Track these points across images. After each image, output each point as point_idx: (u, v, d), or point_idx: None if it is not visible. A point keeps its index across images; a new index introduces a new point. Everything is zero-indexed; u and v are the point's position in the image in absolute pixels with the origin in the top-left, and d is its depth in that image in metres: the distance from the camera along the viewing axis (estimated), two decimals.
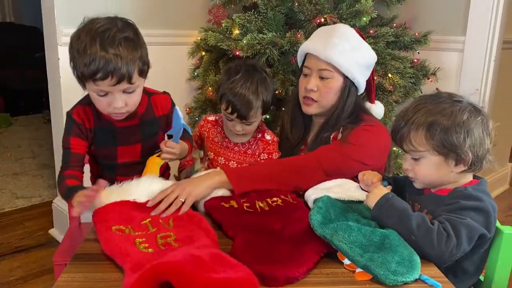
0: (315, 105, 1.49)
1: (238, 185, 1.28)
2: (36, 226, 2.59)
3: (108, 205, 1.15)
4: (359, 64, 1.44)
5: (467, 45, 2.37)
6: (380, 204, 1.08)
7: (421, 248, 0.98)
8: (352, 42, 1.44)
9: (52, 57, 2.17)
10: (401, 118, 1.13)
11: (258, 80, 1.45)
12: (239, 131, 1.49)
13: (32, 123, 4.84)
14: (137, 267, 0.89)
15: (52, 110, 2.30)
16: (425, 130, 1.08)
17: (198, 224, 1.11)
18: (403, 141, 1.12)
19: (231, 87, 1.43)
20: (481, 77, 2.37)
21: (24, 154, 3.83)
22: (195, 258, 0.87)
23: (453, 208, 1.05)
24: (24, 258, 2.26)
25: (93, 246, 1.05)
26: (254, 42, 1.90)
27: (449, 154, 1.08)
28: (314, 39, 1.50)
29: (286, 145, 1.60)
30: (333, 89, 1.45)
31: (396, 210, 1.05)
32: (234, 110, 1.44)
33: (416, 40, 2.09)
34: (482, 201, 1.06)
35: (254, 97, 1.43)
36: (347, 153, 1.37)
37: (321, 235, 0.99)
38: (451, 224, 1.00)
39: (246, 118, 1.45)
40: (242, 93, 1.42)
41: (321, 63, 1.43)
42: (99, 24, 1.14)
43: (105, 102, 1.16)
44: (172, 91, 2.56)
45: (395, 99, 2.01)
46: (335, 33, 1.45)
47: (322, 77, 1.45)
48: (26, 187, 3.15)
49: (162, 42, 2.41)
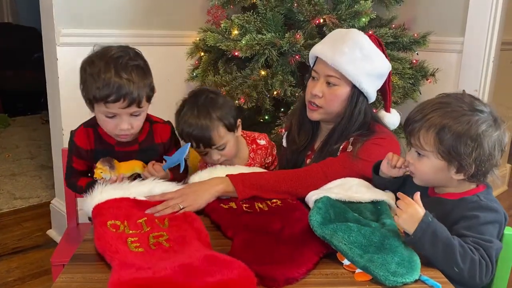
0: (319, 111, 1.43)
1: (243, 194, 1.26)
2: (34, 227, 2.59)
3: (109, 201, 1.17)
4: (369, 73, 1.38)
5: (466, 46, 2.37)
6: (422, 229, 0.97)
7: (465, 279, 0.96)
8: (363, 51, 1.37)
9: (51, 57, 2.16)
10: (419, 111, 1.10)
11: (203, 103, 1.40)
12: (219, 159, 1.43)
13: (30, 123, 4.83)
14: (125, 265, 0.89)
15: (51, 111, 2.30)
16: (436, 132, 1.05)
17: (191, 224, 1.10)
18: (413, 135, 1.10)
19: (183, 121, 1.39)
20: (479, 78, 2.37)
21: (22, 155, 3.82)
22: (185, 267, 0.87)
23: (475, 224, 1.03)
24: (21, 259, 2.25)
25: (91, 246, 1.04)
26: (253, 43, 1.90)
27: (452, 161, 1.06)
28: (325, 43, 1.44)
29: (293, 147, 1.56)
30: (339, 97, 1.40)
31: (440, 239, 0.96)
32: (197, 141, 1.39)
33: (415, 41, 2.09)
34: (498, 212, 1.05)
35: (207, 119, 1.37)
36: (358, 169, 1.33)
37: (321, 235, 0.99)
38: (486, 251, 0.98)
39: (212, 143, 1.39)
40: (193, 121, 1.37)
41: (328, 69, 1.38)
42: (113, 51, 1.23)
43: (113, 124, 1.25)
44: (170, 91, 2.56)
45: (394, 100, 2.00)
46: (347, 39, 1.38)
47: (329, 83, 1.40)
48: (24, 188, 3.14)
49: (161, 43, 2.41)
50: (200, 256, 0.91)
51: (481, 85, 2.37)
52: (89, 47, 2.17)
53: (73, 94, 2.18)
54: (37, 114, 4.96)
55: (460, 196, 1.11)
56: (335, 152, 1.42)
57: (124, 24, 2.29)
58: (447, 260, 0.96)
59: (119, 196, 1.20)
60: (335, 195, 1.19)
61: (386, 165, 1.23)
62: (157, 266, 0.89)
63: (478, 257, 0.96)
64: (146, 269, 0.88)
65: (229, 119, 1.41)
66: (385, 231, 1.01)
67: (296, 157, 1.56)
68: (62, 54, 2.12)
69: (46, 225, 2.56)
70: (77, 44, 2.15)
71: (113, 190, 1.21)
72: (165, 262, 0.91)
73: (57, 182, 2.44)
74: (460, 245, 0.97)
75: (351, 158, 1.35)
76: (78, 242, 1.59)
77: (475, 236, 1.00)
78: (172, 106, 2.52)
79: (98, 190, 1.20)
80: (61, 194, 2.30)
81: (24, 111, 5.10)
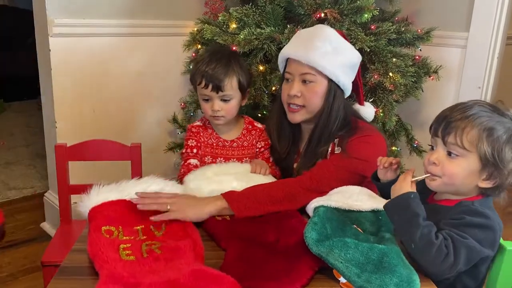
0: (302, 111, 1.43)
1: (240, 212, 1.20)
2: (27, 219, 2.56)
3: (104, 203, 1.16)
4: (343, 65, 1.40)
5: (470, 41, 2.30)
6: (397, 200, 1.04)
7: (418, 258, 0.98)
8: (333, 44, 1.39)
9: (43, 48, 2.10)
10: (458, 110, 1.06)
11: (227, 55, 1.47)
12: (218, 110, 1.44)
13: (25, 109, 4.77)
14: (112, 278, 0.88)
15: (44, 100, 2.25)
16: (484, 131, 1.02)
17: (189, 235, 1.08)
18: (453, 132, 1.04)
19: (202, 63, 1.44)
20: (483, 74, 2.31)
21: (17, 142, 3.78)
22: (171, 284, 0.85)
23: (458, 223, 1.02)
24: (14, 253, 2.23)
25: (79, 258, 1.02)
26: (251, 37, 1.84)
27: (488, 166, 1.03)
28: (294, 43, 1.45)
29: (275, 155, 1.55)
30: (318, 93, 1.40)
31: (409, 212, 1.01)
32: (208, 80, 1.41)
33: (419, 37, 2.03)
34: (488, 218, 1.02)
35: (225, 65, 1.42)
36: (350, 167, 1.32)
37: (317, 253, 0.96)
38: (453, 243, 0.97)
39: (221, 87, 1.41)
40: (212, 63, 1.42)
41: (303, 67, 1.38)
42: None
43: None
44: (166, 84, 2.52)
45: (396, 98, 1.95)
46: (316, 35, 1.40)
47: (305, 81, 1.40)
48: (18, 178, 3.10)
49: (157, 33, 2.35)
50: (187, 272, 0.89)
51: (485, 82, 2.31)
52: (83, 37, 2.14)
53: (67, 85, 2.15)
54: (33, 99, 4.89)
55: (456, 201, 1.09)
56: (322, 154, 1.41)
57: (119, 14, 2.22)
58: (407, 233, 0.99)
59: (115, 198, 1.18)
60: (335, 203, 1.16)
61: (380, 170, 1.23)
62: (144, 281, 0.87)
63: (438, 243, 0.96)
64: (133, 286, 0.87)
65: (244, 78, 1.46)
66: (384, 248, 0.97)
67: (283, 164, 1.54)
68: (55, 45, 2.06)
69: (40, 218, 2.53)
70: (70, 35, 2.09)
71: (109, 192, 1.20)
72: (152, 277, 0.90)
73: (50, 175, 2.40)
74: (428, 228, 0.98)
75: (342, 158, 1.34)
76: (70, 241, 1.58)
77: (451, 230, 1.00)
78: (169, 99, 2.48)
79: (95, 191, 1.18)
80: (54, 187, 2.26)
81: (19, 96, 5.04)
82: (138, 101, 2.39)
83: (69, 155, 1.68)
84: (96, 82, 2.22)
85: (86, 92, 2.20)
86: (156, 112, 2.45)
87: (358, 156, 1.32)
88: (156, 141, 2.45)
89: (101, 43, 2.20)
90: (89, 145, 1.71)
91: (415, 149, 2.19)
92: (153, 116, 2.45)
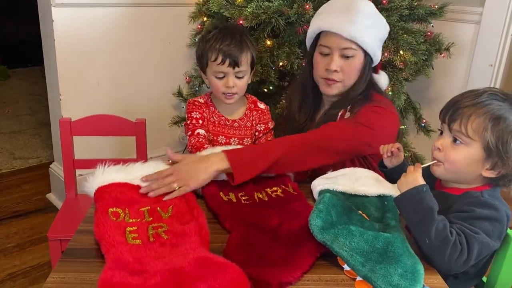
0: (338, 85, 1.42)
1: (239, 175, 1.19)
2: (33, 189, 2.57)
3: (111, 185, 1.15)
4: (379, 38, 1.40)
5: (484, 17, 2.24)
6: (411, 194, 1.00)
7: (432, 253, 0.96)
8: (372, 17, 1.38)
9: (46, 19, 2.06)
10: (469, 97, 1.04)
11: (238, 31, 1.45)
12: (232, 87, 1.42)
13: (30, 76, 4.74)
14: (119, 263, 0.88)
15: (47, 71, 2.22)
16: (489, 120, 1.00)
17: (196, 218, 1.08)
18: (458, 119, 1.03)
19: (214, 39, 1.40)
20: (496, 51, 2.25)
21: (22, 111, 3.76)
22: (176, 272, 0.85)
23: (468, 216, 1.00)
24: (21, 223, 2.25)
25: (85, 239, 1.02)
26: (259, 11, 1.79)
27: (492, 155, 1.01)
28: (331, 15, 1.38)
29: (292, 125, 1.53)
30: (356, 68, 1.39)
31: (423, 208, 0.98)
32: (225, 56, 1.39)
33: (431, 12, 1.97)
34: (498, 210, 1.01)
35: (239, 41, 1.40)
36: (359, 135, 1.30)
37: (321, 241, 0.95)
38: (467, 239, 0.96)
39: (238, 62, 1.39)
40: (227, 40, 1.39)
41: (343, 41, 1.35)
42: None
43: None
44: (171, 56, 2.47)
45: (405, 76, 1.91)
46: (355, 7, 1.36)
47: (344, 56, 1.38)
48: (23, 147, 3.10)
49: (162, 3, 2.29)
50: (192, 259, 0.89)
51: (497, 60, 2.25)
52: (87, 8, 2.09)
53: (71, 58, 2.11)
54: (37, 66, 4.85)
55: (464, 190, 1.07)
56: (334, 118, 1.41)
57: None
58: (422, 229, 0.97)
59: (122, 180, 1.17)
60: (342, 186, 1.15)
61: (385, 158, 1.22)
62: (149, 269, 0.88)
63: (453, 240, 0.95)
64: (138, 273, 0.87)
65: (255, 54, 1.46)
66: (389, 236, 0.97)
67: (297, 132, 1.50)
68: (58, 15, 2.01)
69: (46, 188, 2.54)
70: (74, 5, 2.04)
71: (116, 172, 1.19)
72: (158, 263, 0.90)
73: (55, 146, 2.40)
74: (443, 223, 0.96)
75: (351, 123, 1.32)
76: (76, 215, 1.59)
77: (463, 225, 0.98)
78: (174, 72, 2.44)
79: (100, 171, 1.18)
80: (59, 159, 2.26)
81: (24, 62, 4.99)
82: (143, 73, 2.36)
83: (74, 130, 1.67)
84: (100, 54, 2.18)
85: (90, 65, 2.17)
86: (160, 85, 2.42)
87: (366, 124, 1.30)
88: (161, 114, 2.43)
89: (105, 14, 2.15)
90: (94, 120, 1.70)
91: (423, 128, 2.16)
92: (158, 89, 2.43)
